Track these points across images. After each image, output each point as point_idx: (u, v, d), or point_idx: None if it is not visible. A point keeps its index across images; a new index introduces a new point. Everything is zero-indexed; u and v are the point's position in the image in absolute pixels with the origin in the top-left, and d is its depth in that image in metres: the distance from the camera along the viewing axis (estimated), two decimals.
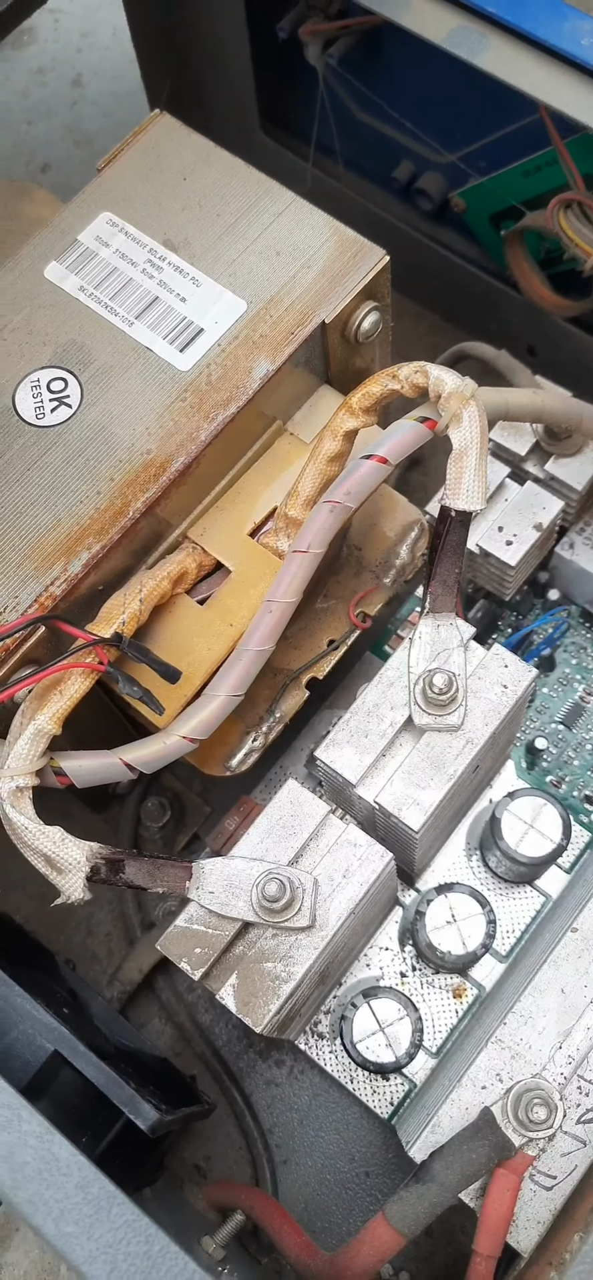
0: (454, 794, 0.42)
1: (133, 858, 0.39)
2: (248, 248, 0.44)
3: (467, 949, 0.45)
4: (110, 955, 0.53)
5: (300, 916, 0.39)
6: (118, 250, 0.45)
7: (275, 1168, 0.50)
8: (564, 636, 0.54)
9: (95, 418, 0.42)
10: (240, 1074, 0.51)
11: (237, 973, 0.39)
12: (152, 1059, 0.47)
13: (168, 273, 0.44)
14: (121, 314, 0.44)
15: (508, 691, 0.41)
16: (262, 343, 0.43)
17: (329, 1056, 0.47)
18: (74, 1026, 0.39)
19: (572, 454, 0.48)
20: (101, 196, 0.46)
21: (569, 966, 0.40)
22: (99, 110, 0.71)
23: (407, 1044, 0.44)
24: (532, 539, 0.46)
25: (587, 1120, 0.38)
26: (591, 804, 0.51)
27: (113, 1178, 0.31)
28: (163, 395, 0.42)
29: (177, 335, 0.43)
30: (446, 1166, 0.37)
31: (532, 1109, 0.37)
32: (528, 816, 0.46)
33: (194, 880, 0.39)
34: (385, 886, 0.42)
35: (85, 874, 0.38)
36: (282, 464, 0.45)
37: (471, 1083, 0.39)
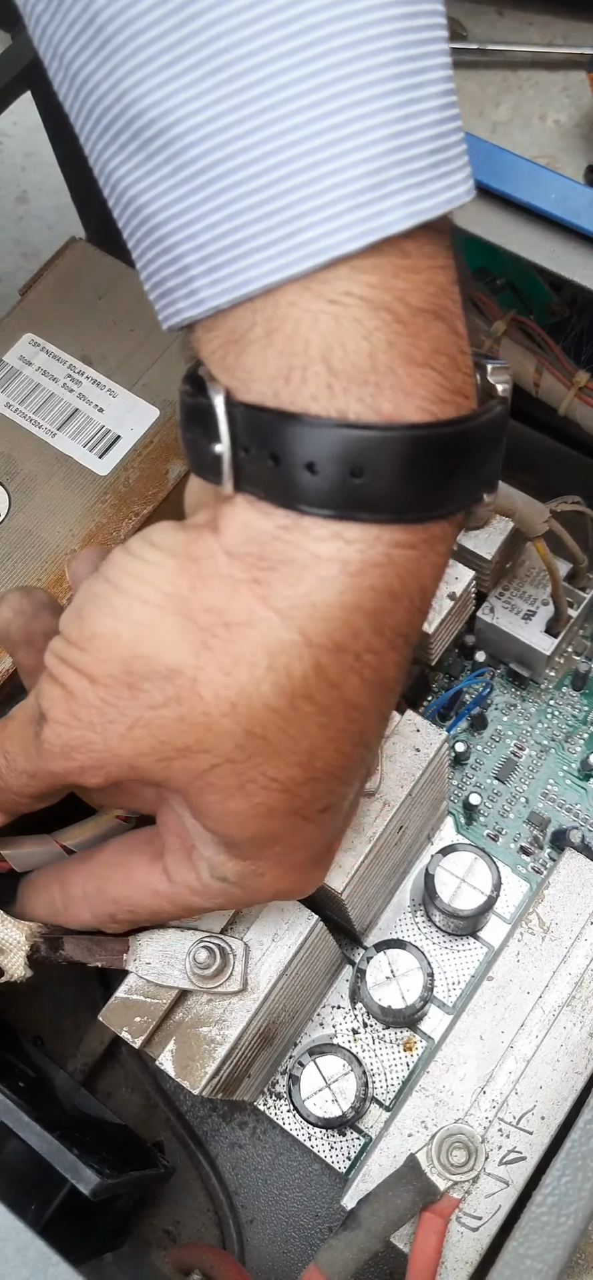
0: (378, 855, 0.44)
1: (71, 934, 0.41)
2: (158, 358, 0.48)
3: (407, 1003, 0.47)
4: (76, 1028, 0.55)
5: (232, 981, 0.41)
6: (40, 368, 0.48)
7: (242, 1228, 0.51)
8: (495, 695, 0.57)
9: (22, 523, 0.45)
10: (205, 1137, 0.52)
11: (175, 1038, 0.41)
12: (111, 1126, 0.49)
13: (86, 386, 0.48)
14: (45, 426, 0.47)
15: (421, 754, 0.44)
16: (174, 445, 0.46)
17: (288, 1115, 0.48)
18: (28, 1099, 0.41)
19: (480, 526, 0.50)
20: (24, 319, 0.50)
21: (486, 1014, 0.42)
22: (44, 224, 0.76)
23: (353, 1098, 0.46)
24: (447, 607, 0.49)
25: (509, 1161, 0.40)
26: (527, 855, 0.53)
27: (64, 1243, 0.33)
28: (85, 499, 0.45)
29: (96, 443, 0.47)
30: (372, 1213, 0.38)
31: (452, 1153, 0.39)
32: (461, 871, 0.48)
33: (131, 953, 0.41)
34: (318, 948, 0.44)
35: (26, 952, 0.40)
36: None
37: (398, 1131, 0.41)
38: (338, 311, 0.27)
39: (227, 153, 0.26)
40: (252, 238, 0.27)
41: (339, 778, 0.32)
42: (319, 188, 0.26)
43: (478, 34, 0.76)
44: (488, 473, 0.30)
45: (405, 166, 0.26)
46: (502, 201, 0.46)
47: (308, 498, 0.28)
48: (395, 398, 0.27)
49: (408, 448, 0.28)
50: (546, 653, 0.54)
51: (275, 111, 0.26)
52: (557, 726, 0.56)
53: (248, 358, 0.28)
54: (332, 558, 0.28)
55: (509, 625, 0.54)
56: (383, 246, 0.27)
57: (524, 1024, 0.42)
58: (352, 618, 0.29)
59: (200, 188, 0.27)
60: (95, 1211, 0.44)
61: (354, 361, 0.27)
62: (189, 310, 0.28)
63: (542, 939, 0.43)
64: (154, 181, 0.27)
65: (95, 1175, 0.39)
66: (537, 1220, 0.35)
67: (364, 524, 0.28)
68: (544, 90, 0.74)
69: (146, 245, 0.29)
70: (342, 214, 0.26)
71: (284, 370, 0.27)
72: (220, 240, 0.27)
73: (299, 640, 0.29)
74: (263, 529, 0.29)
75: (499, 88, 0.74)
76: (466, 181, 0.29)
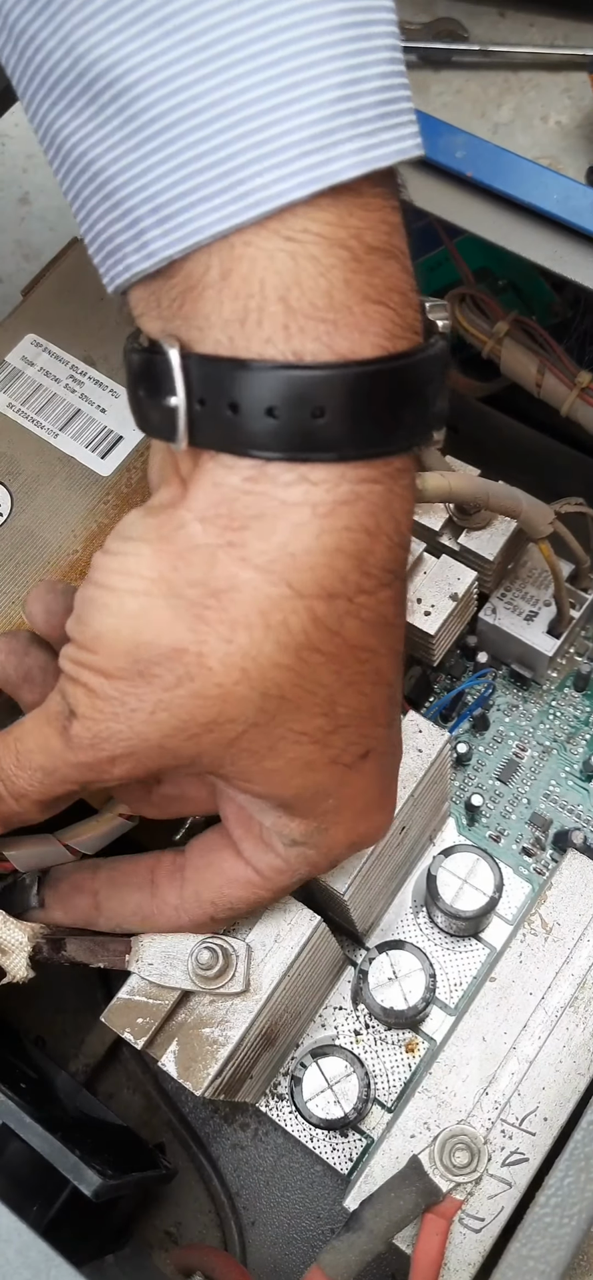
0: (380, 856, 0.44)
1: (73, 935, 0.41)
2: None
3: (408, 1004, 0.47)
4: (78, 1029, 0.55)
5: (234, 982, 0.41)
6: (42, 368, 0.48)
7: (243, 1229, 0.51)
8: (497, 696, 0.57)
9: (24, 524, 0.45)
10: (207, 1139, 0.52)
11: (177, 1039, 0.41)
12: (113, 1128, 0.49)
13: (88, 386, 0.48)
14: (47, 427, 0.47)
15: (423, 755, 0.44)
16: None
17: (289, 1117, 0.48)
18: (30, 1100, 0.41)
19: (482, 527, 0.50)
20: (26, 320, 0.50)
21: (489, 1015, 0.42)
22: (45, 225, 0.76)
23: (355, 1099, 0.46)
24: (449, 608, 0.49)
25: (512, 1163, 0.40)
26: (529, 856, 0.53)
27: (66, 1244, 0.33)
28: (87, 499, 0.45)
29: (98, 444, 0.47)
30: (375, 1214, 0.38)
31: (455, 1154, 0.39)
32: (462, 872, 0.48)
33: (134, 953, 0.41)
34: (320, 949, 0.44)
35: (28, 953, 0.40)
36: None
37: (400, 1132, 0.41)
38: (295, 249, 0.27)
39: (177, 103, 0.26)
40: (202, 186, 0.27)
41: (368, 719, 0.33)
42: (269, 135, 0.26)
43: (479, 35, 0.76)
44: (439, 407, 0.31)
45: (354, 116, 0.27)
46: (504, 202, 0.46)
47: (271, 443, 0.28)
48: (352, 335, 0.28)
49: (365, 382, 0.28)
50: (548, 654, 0.54)
51: (226, 60, 0.26)
52: (559, 728, 0.56)
53: (204, 303, 0.28)
54: (301, 502, 0.28)
55: (511, 626, 0.54)
56: (338, 189, 0.27)
57: (527, 1025, 0.42)
58: (334, 561, 0.29)
59: (151, 138, 0.27)
60: (97, 1213, 0.44)
61: (311, 300, 0.27)
62: (140, 264, 0.28)
63: (544, 940, 0.43)
64: (104, 135, 0.28)
65: (97, 1177, 0.39)
66: (540, 1221, 0.35)
67: (329, 464, 0.28)
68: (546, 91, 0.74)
69: (94, 203, 0.29)
70: (291, 161, 0.26)
71: (240, 313, 0.27)
72: (171, 190, 0.27)
73: (288, 593, 0.29)
74: (230, 484, 0.29)
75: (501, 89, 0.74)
76: (414, 138, 0.29)
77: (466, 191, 0.46)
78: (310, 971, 0.44)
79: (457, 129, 0.45)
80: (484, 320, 0.54)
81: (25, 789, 0.35)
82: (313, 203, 0.27)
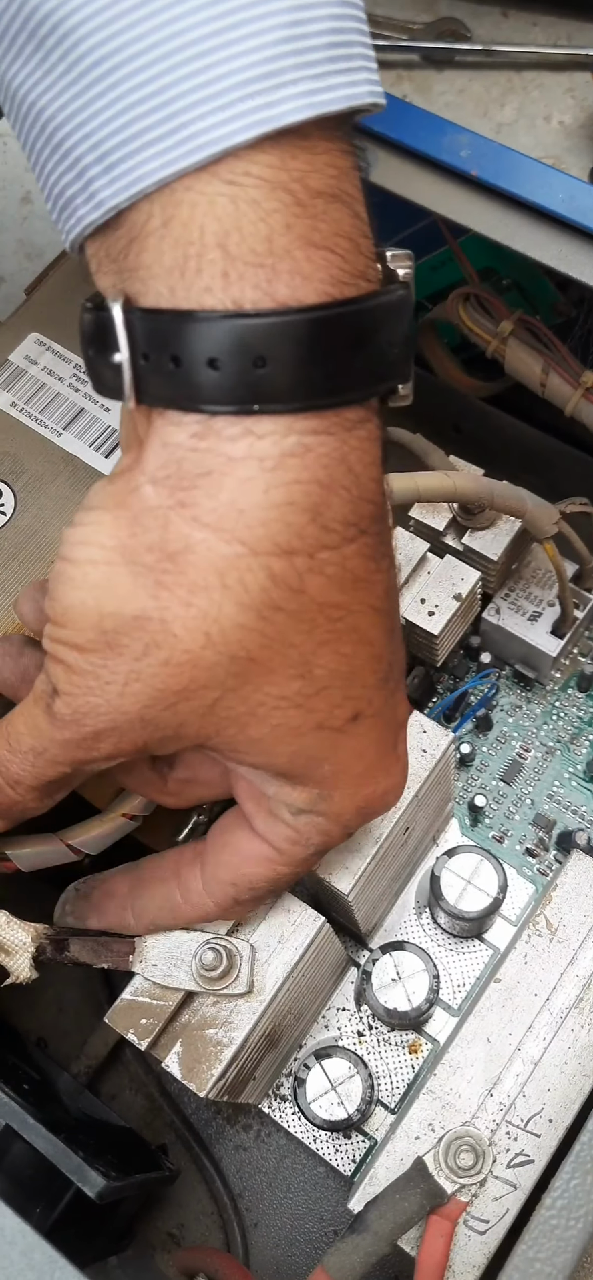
0: (384, 857, 0.44)
1: (77, 936, 0.41)
2: None
3: (412, 1005, 0.47)
4: (80, 1031, 0.54)
5: (238, 983, 0.41)
6: (46, 367, 0.48)
7: (246, 1231, 0.51)
8: (500, 696, 0.56)
9: (28, 523, 0.45)
10: (210, 1140, 0.52)
11: (181, 1040, 0.41)
12: (116, 1129, 0.49)
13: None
14: (51, 426, 0.47)
15: (427, 755, 0.44)
16: None
17: (292, 1118, 0.48)
18: (33, 1102, 0.41)
19: (486, 527, 0.50)
20: (30, 319, 0.50)
21: (494, 1016, 0.42)
22: (48, 224, 0.76)
23: (358, 1101, 0.46)
24: (453, 608, 0.49)
25: (517, 1164, 0.40)
26: (532, 856, 0.53)
27: (69, 1245, 0.33)
28: None
29: (102, 442, 0.47)
30: (379, 1216, 0.38)
31: (460, 1156, 0.39)
32: (466, 873, 0.48)
33: (137, 954, 0.41)
34: (324, 949, 0.44)
35: (32, 954, 0.40)
36: None
37: (405, 1134, 0.41)
38: (235, 193, 0.27)
39: (118, 44, 0.26)
40: (145, 131, 0.26)
41: (351, 680, 0.32)
42: (211, 76, 0.26)
43: (482, 35, 0.76)
44: (397, 358, 0.30)
45: (300, 58, 0.26)
46: (508, 201, 0.46)
47: (214, 395, 0.27)
48: (293, 281, 0.27)
49: (308, 330, 0.27)
50: (551, 654, 0.53)
51: (168, 3, 0.26)
52: (563, 728, 0.56)
53: (146, 254, 0.27)
54: (246, 456, 0.28)
55: (515, 626, 0.54)
56: (283, 133, 0.27)
57: (532, 1026, 0.41)
58: (286, 516, 0.29)
59: (94, 83, 0.26)
60: (101, 1215, 0.44)
61: (251, 245, 0.27)
62: (90, 214, 0.28)
63: (549, 941, 0.43)
64: (51, 82, 0.27)
65: (101, 1178, 0.39)
66: (546, 1224, 0.35)
67: (274, 415, 0.28)
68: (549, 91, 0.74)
69: (46, 155, 0.28)
70: (234, 103, 0.26)
71: (180, 261, 0.27)
72: (115, 136, 0.27)
73: (242, 551, 0.29)
74: (177, 442, 0.28)
75: (504, 89, 0.74)
76: (368, 84, 0.28)
77: (470, 190, 0.46)
78: (314, 972, 0.44)
79: (462, 128, 0.45)
80: (489, 320, 0.54)
81: (19, 774, 0.35)
82: (256, 146, 0.26)
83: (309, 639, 0.31)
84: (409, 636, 0.50)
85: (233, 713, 0.32)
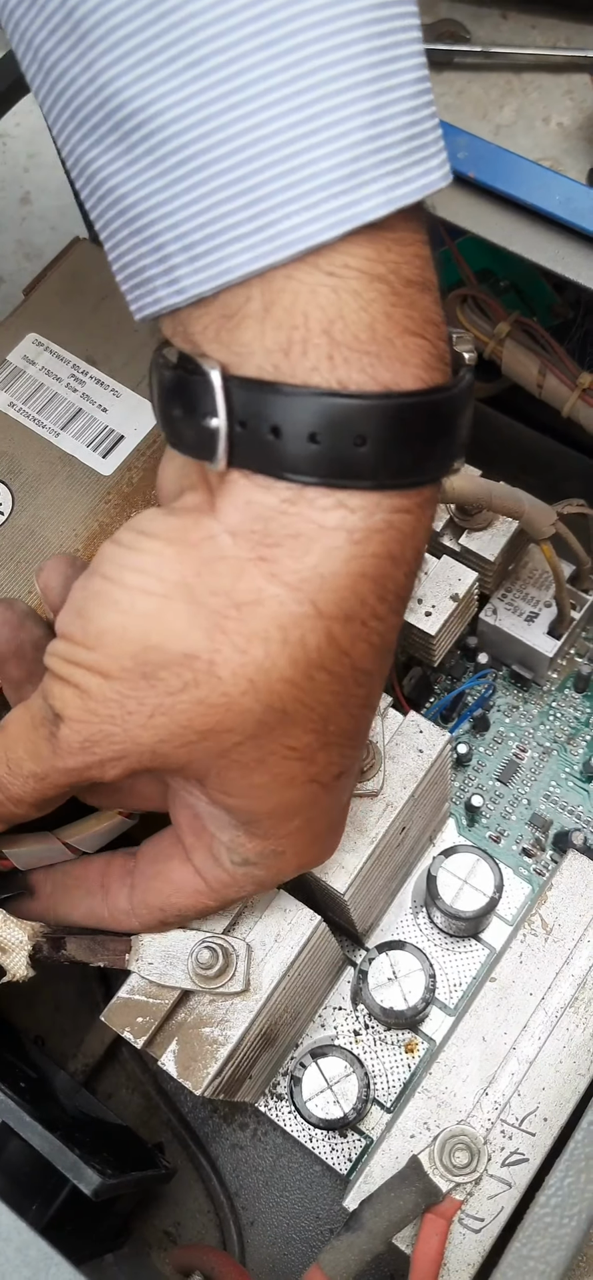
0: (380, 856, 0.44)
1: (73, 934, 0.41)
2: None
3: (408, 1004, 0.47)
4: (77, 1029, 0.55)
5: (234, 982, 0.41)
6: (44, 368, 0.48)
7: (242, 1230, 0.51)
8: (497, 697, 0.57)
9: (26, 523, 0.45)
10: (206, 1138, 0.52)
11: (177, 1039, 0.41)
12: (113, 1127, 0.49)
13: (90, 386, 0.48)
14: (48, 426, 0.47)
15: (424, 755, 0.44)
16: None
17: (289, 1117, 0.48)
18: (29, 1099, 0.41)
19: (483, 528, 0.50)
20: (28, 319, 0.50)
21: (489, 1015, 0.42)
22: (47, 224, 0.76)
23: (354, 1099, 0.46)
24: (450, 609, 0.49)
25: (512, 1163, 0.40)
26: (529, 856, 0.53)
27: (65, 1242, 0.33)
28: (88, 499, 0.45)
29: (99, 443, 0.47)
30: (374, 1214, 0.38)
31: (454, 1154, 0.39)
32: (463, 873, 0.48)
33: (134, 952, 0.41)
34: (320, 948, 0.44)
35: (28, 952, 0.40)
36: None
37: (400, 1132, 0.41)
38: (336, 284, 0.27)
39: (206, 144, 0.27)
40: (233, 227, 0.27)
41: (351, 741, 0.33)
42: (298, 177, 0.27)
43: (482, 37, 0.76)
44: (464, 437, 0.32)
45: (381, 155, 0.27)
46: (506, 203, 0.46)
47: (311, 468, 0.28)
48: (394, 367, 0.28)
49: (406, 415, 0.28)
50: (548, 655, 0.54)
51: (253, 102, 0.26)
52: (559, 729, 0.56)
53: (244, 332, 0.28)
54: (337, 527, 0.29)
55: (512, 627, 0.54)
56: (373, 225, 0.27)
57: (527, 1025, 0.42)
58: (358, 585, 0.30)
59: (182, 178, 0.27)
60: (96, 1212, 0.44)
61: (355, 333, 0.28)
62: (170, 299, 0.29)
63: (544, 940, 0.43)
64: (134, 172, 0.28)
65: (97, 1175, 0.39)
66: (540, 1222, 0.35)
67: (366, 491, 0.29)
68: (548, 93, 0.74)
69: (123, 235, 0.29)
70: (320, 203, 0.27)
71: (283, 343, 0.28)
72: (202, 230, 0.27)
73: (311, 612, 0.29)
74: (266, 504, 0.29)
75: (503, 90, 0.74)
76: (441, 167, 0.29)
77: (467, 192, 0.46)
78: (310, 971, 0.44)
79: (459, 129, 0.45)
80: (486, 321, 0.54)
81: (20, 795, 0.35)
82: (350, 239, 0.27)
83: (336, 699, 0.32)
84: (407, 637, 0.50)
85: (245, 758, 0.32)
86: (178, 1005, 0.41)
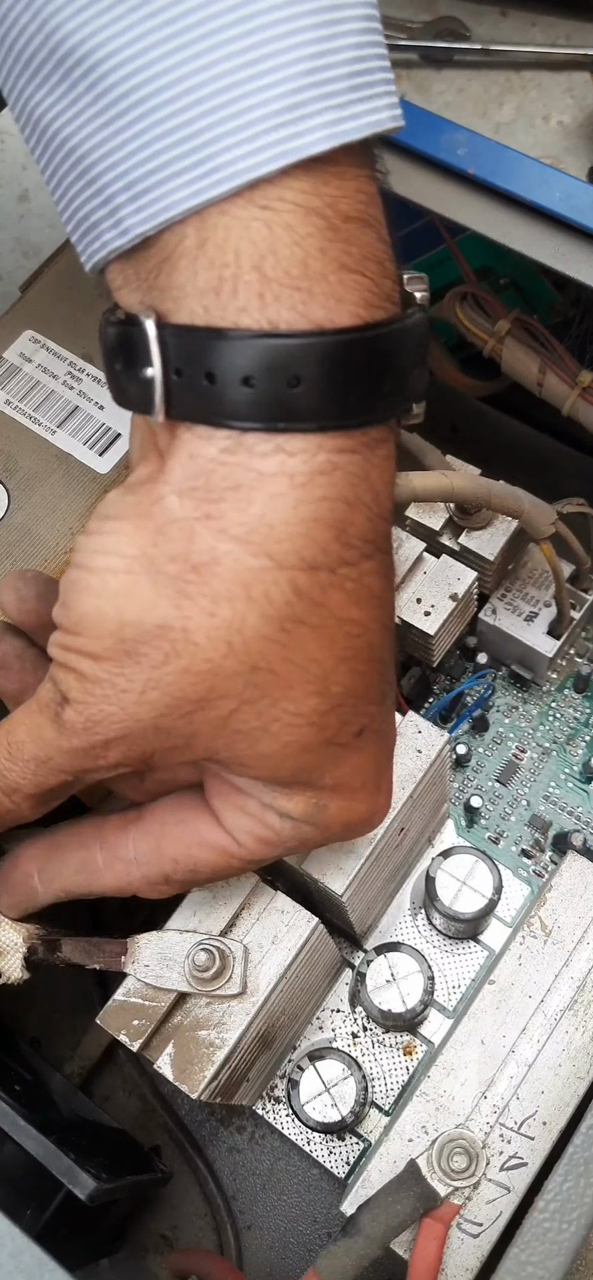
0: (379, 857, 0.44)
1: (69, 936, 0.41)
2: None
3: (407, 1006, 0.47)
4: (74, 1031, 0.54)
5: (231, 984, 0.40)
6: (40, 365, 0.48)
7: (239, 1233, 0.51)
8: (496, 697, 0.56)
9: (21, 521, 0.45)
10: (203, 1142, 0.52)
11: (173, 1042, 0.41)
12: (109, 1131, 0.49)
13: (86, 383, 0.48)
14: (44, 423, 0.47)
15: (422, 756, 0.43)
16: None
17: (286, 1120, 0.48)
18: (25, 1103, 0.41)
19: (482, 527, 0.50)
20: (24, 316, 0.50)
21: (488, 1019, 0.41)
22: (45, 222, 0.75)
23: (352, 1103, 0.46)
24: (449, 609, 0.49)
25: (510, 1167, 0.39)
26: (528, 858, 0.53)
27: (60, 1248, 0.33)
28: (84, 497, 0.45)
29: (96, 440, 0.47)
30: (372, 1219, 0.38)
31: (453, 1158, 0.39)
32: (462, 874, 0.48)
33: (130, 955, 0.41)
34: (318, 950, 0.44)
35: (23, 954, 0.40)
36: None
37: (398, 1136, 0.41)
38: (270, 218, 0.27)
39: (147, 79, 0.26)
40: (172, 162, 0.27)
41: (363, 697, 0.33)
42: (237, 109, 0.26)
43: (481, 34, 0.76)
44: (416, 380, 0.31)
45: (323, 89, 0.27)
46: (506, 200, 0.46)
47: (247, 413, 0.28)
48: (328, 304, 0.28)
49: (341, 351, 0.28)
50: (548, 655, 0.53)
51: (194, 36, 0.26)
52: (559, 729, 0.56)
53: (179, 273, 0.28)
54: (277, 472, 0.28)
55: (511, 627, 0.54)
56: (314, 158, 0.27)
57: (526, 1028, 0.41)
58: (313, 531, 0.29)
59: (121, 114, 0.27)
60: (92, 1217, 0.43)
61: (287, 269, 0.27)
62: (115, 240, 0.28)
63: (544, 942, 0.43)
64: (77, 112, 0.28)
65: (92, 1180, 0.38)
66: (539, 1227, 0.35)
67: (305, 434, 0.28)
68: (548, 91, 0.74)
69: (70, 180, 0.29)
70: (259, 136, 0.26)
71: (214, 282, 0.27)
72: (142, 167, 0.27)
73: (268, 564, 0.29)
74: (206, 456, 0.29)
75: (502, 88, 0.74)
76: (391, 109, 0.29)
77: (467, 189, 0.46)
78: (308, 974, 0.44)
79: (458, 126, 0.45)
80: (485, 319, 0.53)
81: (18, 782, 0.35)
82: (289, 173, 0.27)
83: (329, 655, 0.31)
84: (405, 636, 0.50)
85: (247, 726, 0.32)
86: (174, 1008, 0.41)
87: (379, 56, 0.29)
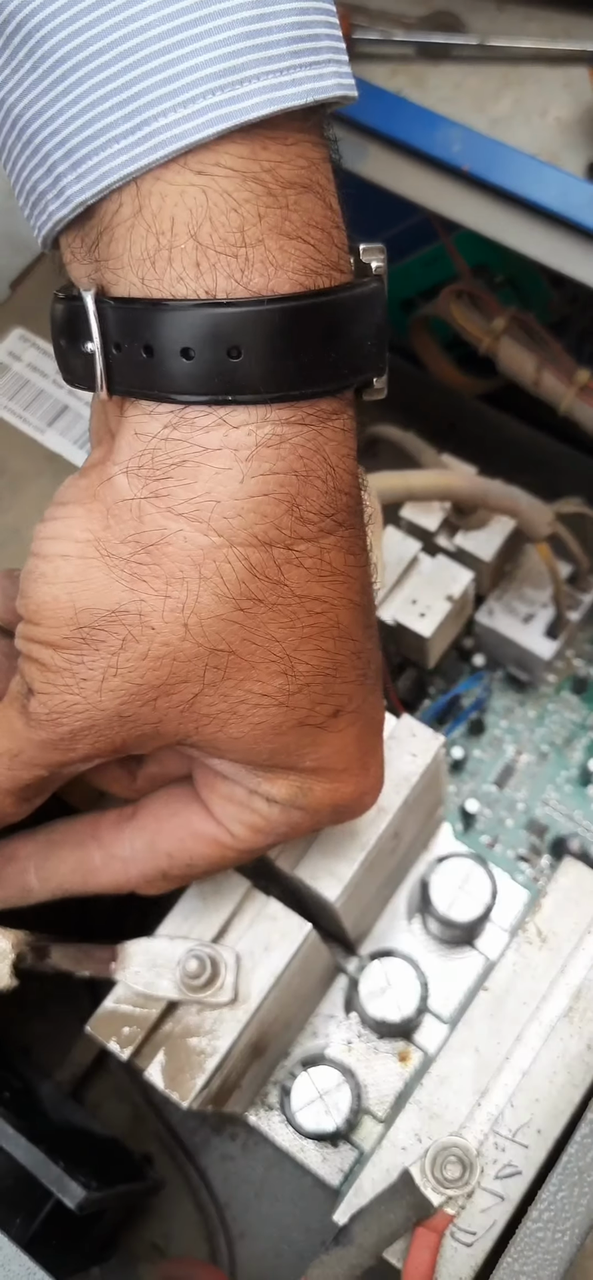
0: (373, 863, 0.43)
1: (58, 943, 0.41)
2: None
3: (402, 1013, 0.46)
4: (64, 1037, 0.54)
5: (223, 992, 0.40)
6: (29, 363, 0.48)
7: (232, 1242, 0.50)
8: (493, 699, 0.56)
9: (11, 522, 0.45)
10: (196, 1149, 0.52)
11: (164, 1050, 0.40)
12: (100, 1139, 0.49)
13: None
14: (33, 423, 0.47)
15: (417, 759, 0.43)
16: None
17: (279, 1128, 0.48)
18: (14, 1110, 0.40)
19: (479, 527, 0.50)
20: (14, 313, 0.50)
21: (483, 1026, 0.41)
22: None
23: (347, 1111, 0.45)
24: (445, 610, 0.48)
25: (505, 1176, 0.39)
26: (525, 862, 0.52)
27: (49, 1257, 0.33)
28: None
29: (86, 440, 0.46)
30: (364, 1228, 0.38)
31: (447, 1167, 0.38)
32: (457, 880, 0.47)
33: (120, 962, 0.41)
34: (311, 957, 0.43)
35: (11, 961, 0.39)
36: None
37: (391, 1144, 0.40)
38: (206, 183, 0.27)
39: (84, 44, 0.26)
40: (110, 128, 0.26)
41: (334, 676, 0.32)
42: (173, 72, 0.26)
43: (478, 28, 0.75)
44: (370, 350, 0.30)
45: (262, 53, 0.26)
46: (502, 196, 0.46)
47: (187, 385, 0.27)
48: (267, 271, 0.27)
49: (281, 319, 0.27)
50: (545, 657, 0.53)
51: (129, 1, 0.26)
52: (556, 732, 0.55)
53: (116, 244, 0.27)
54: (221, 447, 0.28)
55: (508, 628, 0.53)
56: (253, 124, 0.27)
57: (521, 1036, 0.41)
58: (263, 507, 0.29)
59: (58, 80, 0.27)
60: (82, 1225, 0.43)
61: (223, 236, 0.27)
62: (59, 210, 0.28)
63: (540, 949, 0.42)
64: (19, 79, 0.27)
65: (81, 1189, 0.38)
66: (533, 1236, 0.35)
67: (249, 406, 0.28)
68: (545, 86, 0.73)
69: (17, 151, 0.29)
70: (195, 99, 0.26)
71: (150, 251, 0.27)
72: (81, 133, 0.27)
73: (219, 542, 0.29)
74: (150, 432, 0.28)
75: (499, 83, 0.73)
76: (337, 76, 0.28)
77: (463, 186, 0.45)
78: (301, 981, 0.44)
79: (453, 122, 0.45)
80: (481, 317, 0.53)
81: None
82: (227, 139, 0.26)
83: (291, 633, 0.30)
84: (400, 638, 0.50)
85: (213, 709, 0.31)
86: (165, 1015, 0.41)
87: (327, 24, 0.28)
